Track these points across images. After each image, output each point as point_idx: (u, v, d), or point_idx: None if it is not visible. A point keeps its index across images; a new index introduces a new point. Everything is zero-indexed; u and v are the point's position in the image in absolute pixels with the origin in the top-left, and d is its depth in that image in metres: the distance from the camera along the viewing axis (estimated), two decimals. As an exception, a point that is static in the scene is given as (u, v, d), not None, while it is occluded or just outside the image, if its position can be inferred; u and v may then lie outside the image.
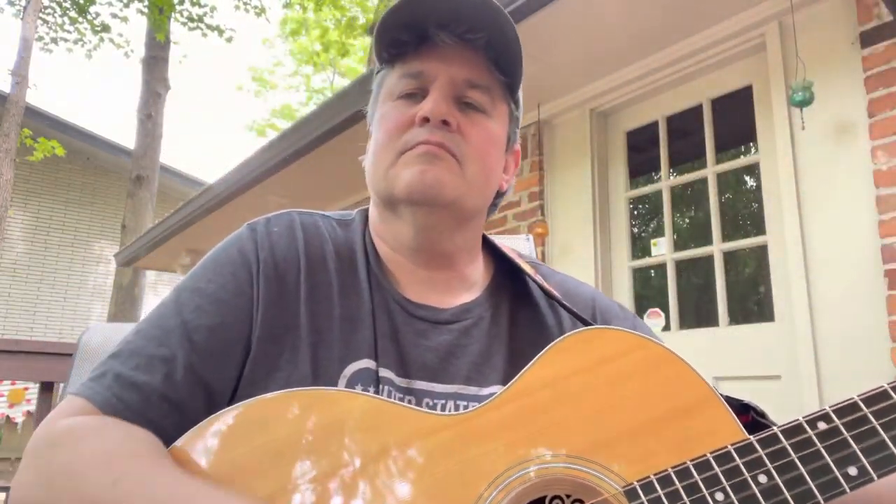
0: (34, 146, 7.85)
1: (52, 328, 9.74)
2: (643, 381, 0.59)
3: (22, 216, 9.68)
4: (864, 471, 0.51)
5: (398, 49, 0.74)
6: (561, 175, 3.25)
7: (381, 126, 0.75)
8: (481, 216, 0.80)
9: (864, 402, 0.54)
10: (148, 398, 0.61)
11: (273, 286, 0.69)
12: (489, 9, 0.70)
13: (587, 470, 0.56)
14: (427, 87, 0.73)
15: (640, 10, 2.48)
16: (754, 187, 2.98)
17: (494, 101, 0.76)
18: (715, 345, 2.58)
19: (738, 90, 2.68)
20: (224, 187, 4.78)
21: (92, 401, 0.61)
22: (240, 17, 44.22)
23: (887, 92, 2.10)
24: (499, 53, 0.73)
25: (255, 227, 0.74)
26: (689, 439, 0.56)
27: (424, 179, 0.69)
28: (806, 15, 2.35)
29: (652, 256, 2.93)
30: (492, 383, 0.71)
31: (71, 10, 8.91)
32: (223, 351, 0.66)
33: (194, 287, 0.69)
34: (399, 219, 0.75)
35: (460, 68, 0.73)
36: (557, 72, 2.96)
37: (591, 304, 0.83)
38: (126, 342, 0.66)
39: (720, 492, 0.53)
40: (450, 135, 0.71)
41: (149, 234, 6.49)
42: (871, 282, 2.08)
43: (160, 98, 8.61)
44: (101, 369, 0.64)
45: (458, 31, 0.71)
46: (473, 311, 0.76)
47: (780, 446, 0.54)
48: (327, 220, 0.79)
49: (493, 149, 0.76)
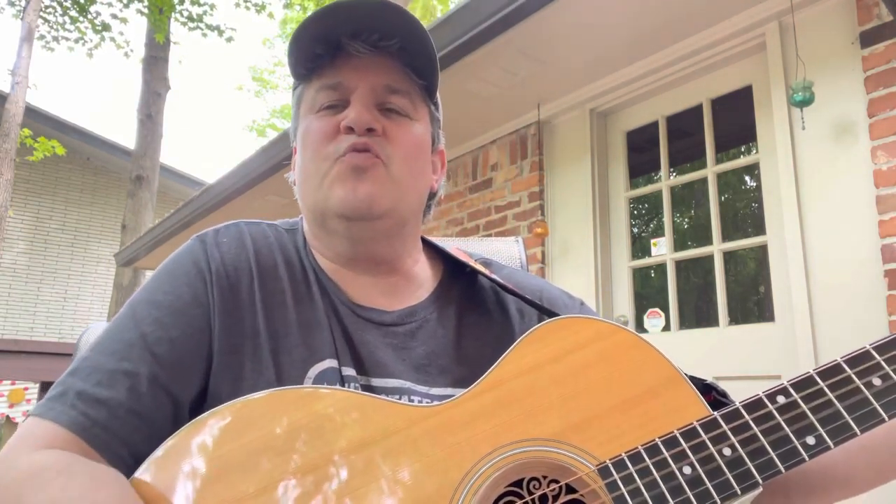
0: (34, 146, 7.85)
1: (52, 328, 9.75)
2: (612, 366, 0.62)
3: (22, 216, 9.68)
4: (821, 440, 0.54)
5: (313, 63, 0.74)
6: (561, 175, 3.25)
7: (306, 140, 0.75)
8: (416, 218, 0.80)
9: (820, 376, 0.57)
10: (115, 413, 0.60)
11: (227, 295, 0.70)
12: (399, 15, 0.71)
13: (562, 452, 0.59)
14: (347, 97, 0.73)
15: (640, 10, 2.48)
16: (754, 187, 2.98)
17: (415, 104, 0.76)
18: (715, 345, 2.58)
19: (738, 90, 2.68)
20: (224, 187, 4.78)
21: (58, 422, 0.59)
22: (240, 17, 44.18)
23: (887, 92, 2.10)
24: (414, 58, 0.74)
25: (204, 238, 0.75)
26: (657, 418, 0.59)
27: (357, 196, 0.70)
28: (806, 15, 2.35)
29: (652, 256, 2.93)
30: (440, 384, 0.72)
31: (72, 9, 8.91)
32: (186, 362, 0.66)
33: (150, 300, 0.69)
34: (333, 233, 0.75)
35: (378, 76, 0.73)
36: (557, 72, 2.96)
37: (539, 296, 0.84)
38: (83, 359, 0.65)
39: (688, 465, 0.56)
40: (376, 139, 0.72)
41: (149, 234, 6.49)
42: (871, 282, 2.08)
43: (160, 98, 8.61)
44: (61, 388, 0.62)
45: (371, 40, 0.72)
46: (418, 313, 0.77)
47: (743, 420, 0.57)
48: (275, 228, 0.80)
49: (419, 151, 0.77)
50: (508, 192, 3.44)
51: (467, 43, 2.65)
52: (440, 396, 0.70)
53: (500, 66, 2.88)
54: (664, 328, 2.81)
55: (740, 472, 0.55)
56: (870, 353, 0.57)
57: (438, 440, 0.60)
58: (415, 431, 0.60)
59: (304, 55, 0.73)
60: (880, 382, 0.55)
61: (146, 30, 8.77)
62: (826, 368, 0.57)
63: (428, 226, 4.48)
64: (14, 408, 4.78)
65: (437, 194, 0.85)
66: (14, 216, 9.18)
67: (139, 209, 8.11)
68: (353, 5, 0.70)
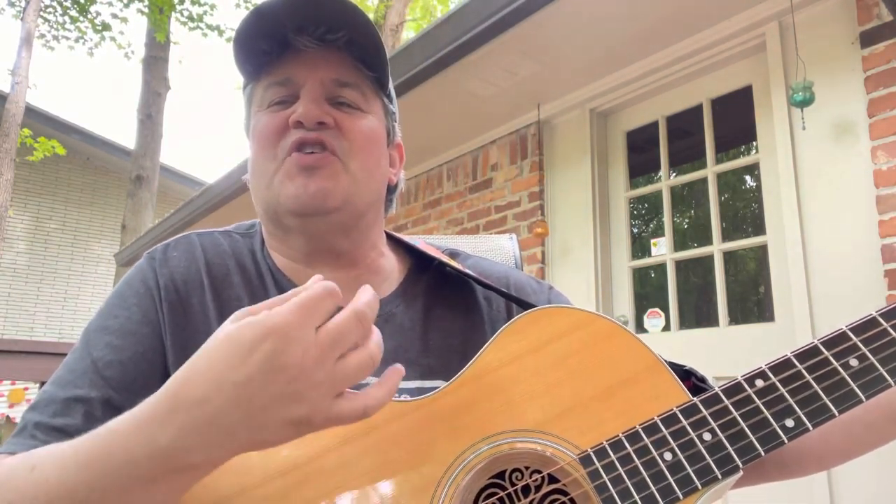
0: (34, 146, 7.85)
1: (52, 328, 9.75)
2: (591, 355, 0.62)
3: (22, 216, 9.68)
4: (800, 422, 0.55)
5: (260, 59, 0.73)
6: (561, 175, 3.25)
7: (256, 137, 0.74)
8: (376, 211, 0.79)
9: (798, 358, 0.57)
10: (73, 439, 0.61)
11: (178, 310, 0.70)
12: (344, 8, 0.70)
13: (544, 442, 0.59)
14: (296, 92, 0.72)
15: (639, 11, 2.48)
16: (754, 187, 2.98)
17: (367, 97, 0.75)
18: (715, 345, 2.58)
19: (738, 90, 2.68)
20: (224, 187, 4.78)
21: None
22: (240, 17, 44.06)
23: (887, 92, 2.10)
24: (362, 50, 0.73)
25: (153, 255, 0.75)
26: (638, 405, 0.60)
27: (308, 192, 0.69)
28: (806, 15, 2.35)
29: (652, 256, 2.93)
30: (409, 377, 0.71)
31: (72, 9, 8.91)
32: (139, 381, 0.66)
33: (102, 326, 0.70)
34: (288, 230, 0.74)
35: (327, 70, 0.72)
36: (557, 72, 2.96)
37: (506, 282, 0.84)
38: (42, 393, 0.66)
39: (668, 451, 0.56)
40: (328, 131, 0.71)
41: (149, 234, 6.49)
42: (871, 282, 2.08)
43: (160, 98, 8.61)
44: (21, 423, 0.63)
45: (317, 34, 0.71)
46: (383, 308, 0.76)
47: (722, 405, 0.57)
48: (227, 234, 0.80)
49: (373, 144, 0.76)
50: (508, 192, 3.44)
51: (467, 43, 2.65)
52: (410, 390, 0.70)
53: (500, 65, 2.88)
54: (664, 328, 2.81)
55: (720, 456, 0.55)
56: (846, 335, 0.57)
57: (419, 435, 0.60)
58: (394, 427, 0.60)
59: (251, 53, 0.72)
60: (857, 363, 0.55)
61: (146, 30, 8.77)
62: (803, 351, 0.57)
63: (428, 225, 4.46)
64: (14, 408, 4.77)
65: (398, 187, 0.84)
66: (14, 216, 9.18)
67: (139, 209, 8.11)
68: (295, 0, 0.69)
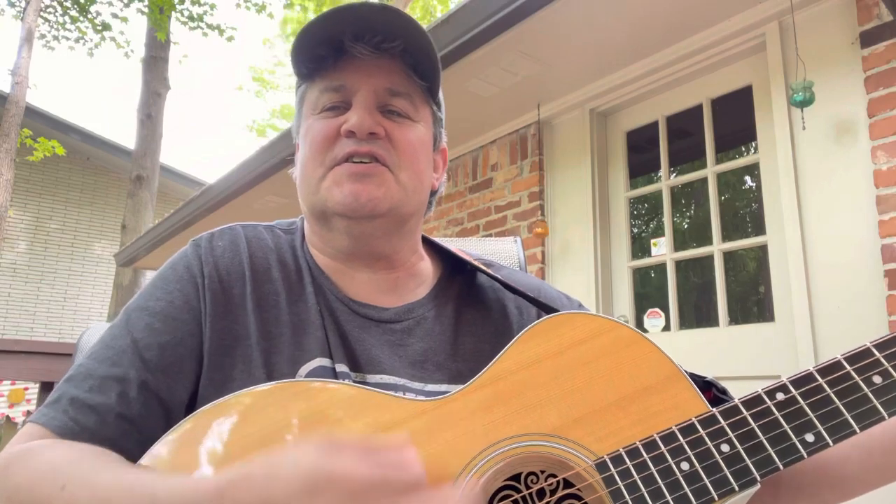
0: (34, 146, 7.84)
1: (52, 328, 9.74)
2: (612, 362, 0.62)
3: (22, 216, 9.68)
4: (820, 437, 0.54)
5: (316, 63, 0.75)
6: (561, 175, 3.25)
7: (307, 140, 0.76)
8: (418, 216, 0.81)
9: (820, 373, 0.57)
10: (104, 419, 0.62)
11: (219, 299, 0.71)
12: (401, 18, 0.72)
13: (560, 447, 0.59)
14: (349, 99, 0.74)
15: (639, 10, 2.48)
16: (754, 187, 2.98)
17: (417, 105, 0.77)
18: (715, 345, 2.58)
19: (738, 90, 2.68)
20: (224, 187, 4.78)
21: (49, 427, 0.62)
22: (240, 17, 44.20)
23: (887, 92, 2.10)
24: (416, 59, 0.75)
25: (199, 242, 0.76)
26: (656, 414, 0.59)
27: (358, 199, 0.71)
28: (806, 15, 2.35)
29: (652, 256, 2.93)
30: (437, 381, 0.73)
31: (72, 9, 8.91)
32: (176, 366, 0.67)
33: (143, 306, 0.71)
34: (333, 230, 0.76)
35: (380, 78, 0.74)
36: (557, 72, 2.96)
37: (537, 294, 0.84)
38: (79, 365, 0.67)
39: (685, 461, 0.56)
40: (378, 142, 0.72)
41: (149, 234, 6.49)
42: (871, 282, 2.08)
43: (160, 98, 8.60)
44: (56, 394, 0.65)
45: (373, 42, 0.72)
46: (416, 311, 0.78)
47: (741, 416, 0.56)
48: (271, 229, 0.81)
49: (421, 152, 0.77)
50: (508, 192, 3.43)
51: (467, 43, 2.65)
52: (435, 393, 0.71)
53: (501, 65, 2.88)
54: (664, 328, 2.81)
55: (738, 468, 0.54)
56: (870, 351, 0.56)
57: (437, 434, 0.60)
58: (413, 425, 0.60)
59: (308, 56, 0.74)
60: (880, 380, 0.55)
61: (146, 29, 8.76)
62: (826, 366, 0.57)
63: (428, 226, 4.48)
64: (14, 408, 4.77)
65: (438, 192, 0.86)
66: (14, 216, 9.18)
67: (139, 209, 8.11)
68: (356, 8, 0.70)
